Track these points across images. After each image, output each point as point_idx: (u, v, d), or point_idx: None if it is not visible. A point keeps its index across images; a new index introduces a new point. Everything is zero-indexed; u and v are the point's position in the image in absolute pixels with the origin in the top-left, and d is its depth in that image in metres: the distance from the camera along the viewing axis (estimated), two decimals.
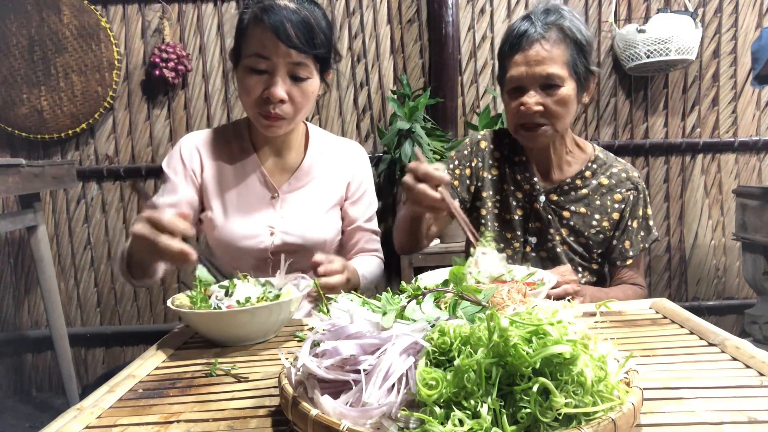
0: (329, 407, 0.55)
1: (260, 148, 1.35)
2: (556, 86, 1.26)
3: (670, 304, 1.04)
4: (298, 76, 1.20)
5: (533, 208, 1.40)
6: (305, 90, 1.22)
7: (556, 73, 1.25)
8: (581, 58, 1.28)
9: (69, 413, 0.71)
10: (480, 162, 1.45)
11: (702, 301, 2.79)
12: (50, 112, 2.61)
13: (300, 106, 1.23)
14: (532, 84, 1.27)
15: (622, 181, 1.38)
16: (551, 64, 1.25)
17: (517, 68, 1.28)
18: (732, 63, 2.67)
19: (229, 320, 0.92)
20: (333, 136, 1.46)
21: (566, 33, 1.26)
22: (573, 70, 1.27)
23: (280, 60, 1.17)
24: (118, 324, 2.82)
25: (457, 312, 0.68)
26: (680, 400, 0.66)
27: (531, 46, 1.26)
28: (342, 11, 2.67)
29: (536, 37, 1.25)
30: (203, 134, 1.37)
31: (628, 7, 2.64)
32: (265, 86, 1.19)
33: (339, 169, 1.40)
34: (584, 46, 1.29)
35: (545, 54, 1.25)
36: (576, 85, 1.29)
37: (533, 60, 1.25)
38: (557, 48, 1.25)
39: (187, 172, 1.32)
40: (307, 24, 1.17)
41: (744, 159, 2.73)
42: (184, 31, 2.67)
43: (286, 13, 1.15)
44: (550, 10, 1.28)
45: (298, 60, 1.18)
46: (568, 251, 1.39)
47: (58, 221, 2.76)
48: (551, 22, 1.26)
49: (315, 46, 1.19)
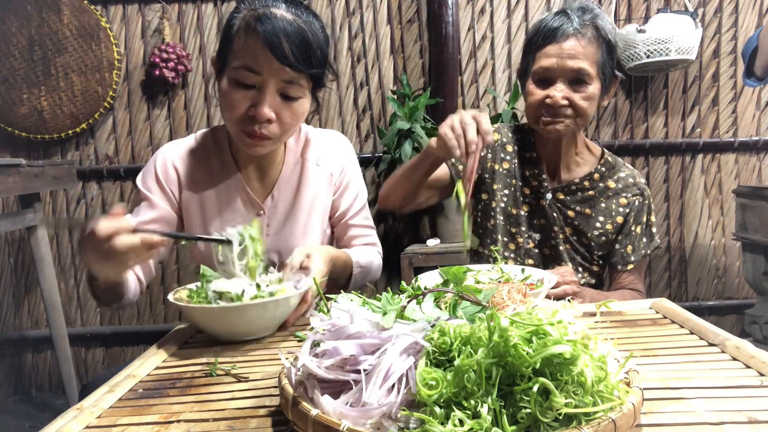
0: (329, 407, 0.55)
1: (243, 164, 1.25)
2: (584, 83, 1.27)
3: (670, 304, 1.04)
4: (289, 95, 1.10)
5: (539, 205, 1.40)
6: (295, 110, 1.12)
7: (587, 70, 1.26)
8: (609, 60, 1.30)
9: (69, 413, 0.71)
10: (490, 154, 1.45)
11: (702, 301, 2.79)
12: (50, 112, 2.61)
13: (288, 127, 1.13)
14: (561, 77, 1.28)
15: (628, 186, 1.39)
16: (584, 60, 1.26)
17: (549, 59, 1.28)
18: (732, 63, 2.67)
19: (226, 315, 0.92)
20: (312, 132, 1.34)
21: (600, 33, 1.28)
22: (601, 71, 1.29)
23: (272, 77, 1.06)
24: (118, 324, 2.82)
25: (457, 312, 0.68)
26: (680, 400, 0.66)
27: (567, 39, 1.26)
28: (342, 11, 2.67)
29: (572, 31, 1.26)
30: (180, 148, 1.27)
31: (628, 7, 2.64)
32: (251, 102, 1.08)
33: (322, 165, 1.31)
34: (613, 48, 1.30)
35: (580, 49, 1.26)
36: (601, 86, 1.30)
37: (567, 53, 1.26)
38: (591, 46, 1.27)
39: (165, 191, 1.23)
40: (304, 39, 1.06)
41: (744, 159, 2.73)
42: (184, 31, 2.67)
43: (282, 25, 1.04)
44: (586, 8, 1.29)
45: (290, 78, 1.07)
46: (570, 250, 1.39)
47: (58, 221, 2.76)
48: (588, 20, 1.27)
49: (311, 65, 1.08)
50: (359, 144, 2.74)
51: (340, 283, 1.26)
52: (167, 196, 1.24)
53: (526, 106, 1.37)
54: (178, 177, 1.24)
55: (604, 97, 1.35)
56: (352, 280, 1.27)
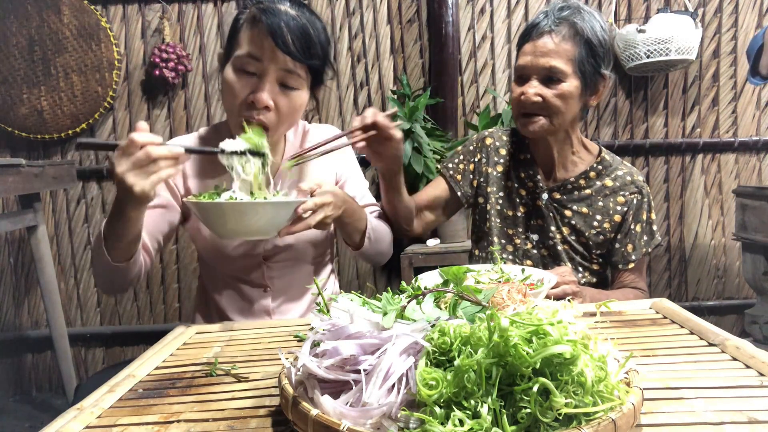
0: (329, 407, 0.55)
1: None
2: (557, 80, 1.27)
3: (670, 304, 1.04)
4: (288, 84, 1.14)
5: (536, 205, 1.41)
6: (293, 100, 1.16)
7: (559, 67, 1.26)
8: (590, 58, 1.29)
9: (69, 413, 0.71)
10: (484, 158, 1.46)
11: (702, 301, 2.78)
12: (50, 112, 2.61)
13: (284, 117, 1.17)
14: (534, 74, 1.29)
15: (626, 184, 1.38)
16: (555, 57, 1.26)
17: (524, 57, 1.30)
18: (732, 63, 2.67)
19: (221, 210, 1.00)
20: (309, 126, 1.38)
21: (577, 30, 1.27)
22: (579, 68, 1.28)
23: (272, 64, 1.11)
24: (118, 324, 2.82)
25: (457, 312, 0.68)
26: (680, 400, 0.66)
27: (540, 37, 1.28)
28: (342, 11, 2.67)
29: (546, 29, 1.27)
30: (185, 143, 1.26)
31: (628, 7, 2.64)
32: (251, 89, 1.12)
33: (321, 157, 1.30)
34: (595, 47, 1.29)
35: (552, 46, 1.26)
36: (580, 84, 1.29)
37: (539, 51, 1.27)
38: (565, 43, 1.27)
39: (167, 182, 1.25)
40: (306, 32, 1.11)
41: (744, 159, 2.73)
42: (184, 31, 2.67)
43: (286, 18, 1.10)
44: (566, 6, 1.30)
45: (290, 67, 1.12)
46: (568, 250, 1.39)
47: (58, 221, 2.76)
48: (564, 17, 1.28)
49: (310, 56, 1.13)
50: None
51: (355, 239, 1.28)
52: (170, 187, 1.26)
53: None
54: (183, 170, 1.27)
55: (592, 97, 1.34)
56: (366, 236, 1.28)
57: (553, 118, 1.30)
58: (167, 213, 1.24)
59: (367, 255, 1.33)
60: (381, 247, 1.36)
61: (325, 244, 1.38)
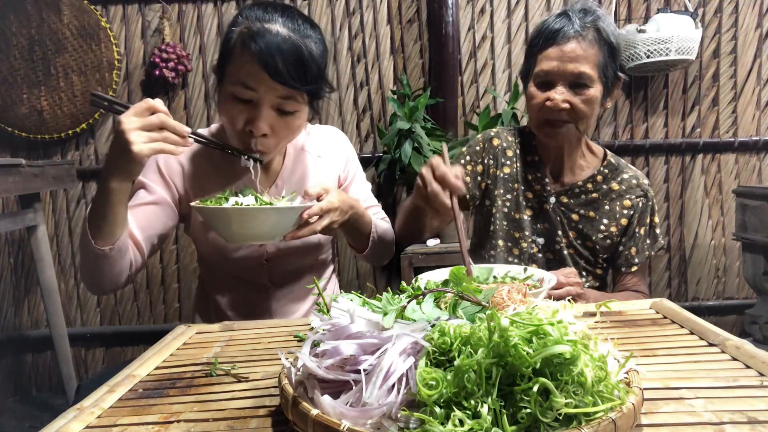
0: (329, 407, 0.55)
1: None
2: (585, 86, 1.26)
3: (670, 304, 1.04)
4: (285, 110, 1.11)
5: (543, 209, 1.40)
6: (291, 124, 1.14)
7: (588, 73, 1.24)
8: (611, 62, 1.28)
9: (69, 413, 0.71)
10: (492, 160, 1.44)
11: (702, 301, 2.79)
12: (50, 112, 2.61)
13: (283, 140, 1.17)
14: (561, 80, 1.26)
15: (632, 187, 1.38)
16: (584, 63, 1.24)
17: (549, 62, 1.27)
18: (732, 63, 2.67)
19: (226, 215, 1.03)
20: (309, 126, 1.36)
21: (602, 35, 1.26)
22: (602, 73, 1.27)
23: (267, 93, 1.08)
24: (118, 324, 2.82)
25: (457, 312, 0.68)
26: (680, 400, 0.66)
27: (567, 41, 1.25)
28: (342, 11, 2.67)
29: (573, 34, 1.25)
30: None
31: (628, 7, 2.64)
32: (247, 118, 1.10)
33: (324, 157, 1.34)
34: (615, 50, 1.29)
35: (581, 52, 1.24)
36: (603, 88, 1.28)
37: (567, 56, 1.24)
38: (592, 48, 1.25)
39: (166, 181, 1.24)
40: (299, 56, 1.07)
41: (744, 159, 2.73)
42: (184, 31, 2.67)
43: (277, 42, 1.05)
44: (588, 10, 1.28)
45: (285, 94, 1.09)
46: (574, 254, 1.39)
47: (58, 221, 2.76)
48: (590, 21, 1.26)
49: (306, 81, 1.09)
50: (359, 144, 2.74)
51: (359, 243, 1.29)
52: (168, 186, 1.24)
53: (528, 108, 1.36)
54: (182, 169, 1.26)
55: (607, 100, 1.33)
56: (370, 239, 1.28)
57: (579, 124, 1.28)
58: (162, 211, 1.22)
59: (370, 257, 1.34)
60: (384, 249, 1.36)
61: (327, 244, 1.38)
